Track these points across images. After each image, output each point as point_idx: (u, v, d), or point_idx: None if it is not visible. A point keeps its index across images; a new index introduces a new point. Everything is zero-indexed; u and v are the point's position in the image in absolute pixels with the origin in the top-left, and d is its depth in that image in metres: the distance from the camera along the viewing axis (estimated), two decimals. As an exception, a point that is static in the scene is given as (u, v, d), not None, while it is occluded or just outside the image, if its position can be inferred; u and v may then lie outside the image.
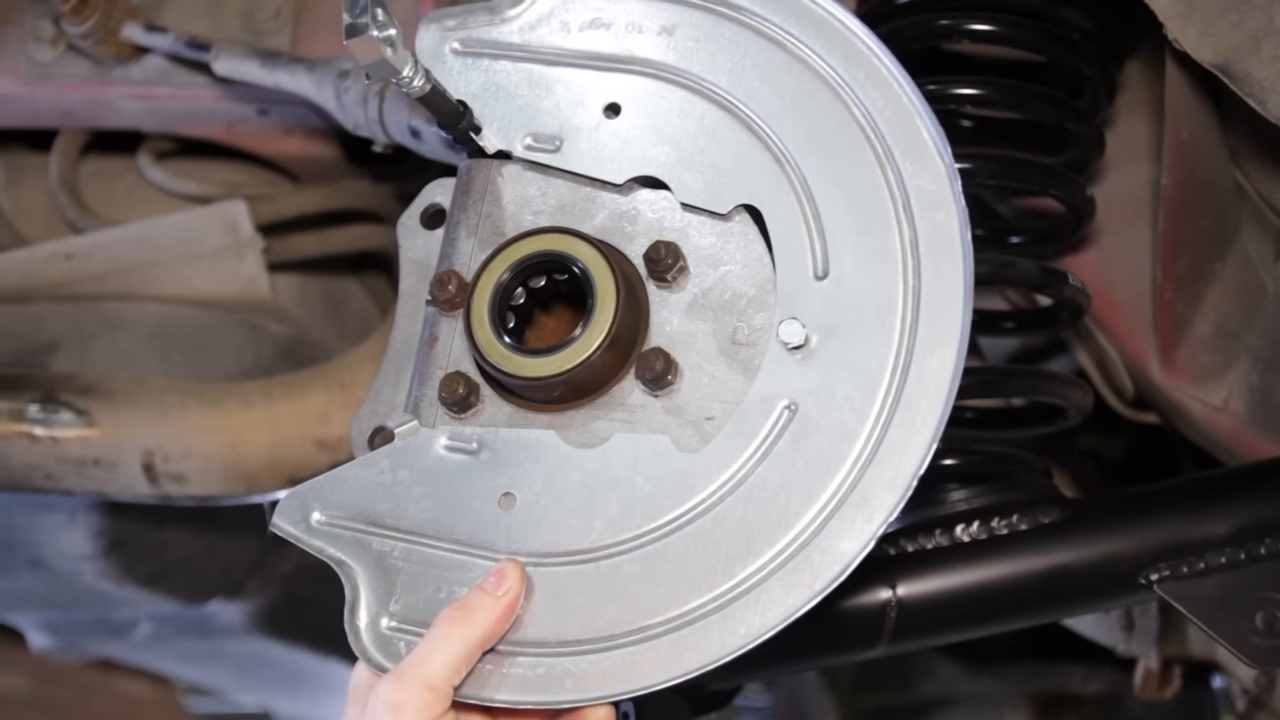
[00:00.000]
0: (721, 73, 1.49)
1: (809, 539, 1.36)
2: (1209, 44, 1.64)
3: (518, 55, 1.56)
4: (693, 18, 1.51)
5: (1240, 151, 1.99)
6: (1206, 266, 2.04)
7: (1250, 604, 1.72)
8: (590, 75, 1.53)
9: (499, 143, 1.55)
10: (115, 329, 2.44)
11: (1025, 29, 1.85)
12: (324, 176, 2.51)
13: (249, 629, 3.17)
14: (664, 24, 1.52)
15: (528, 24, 1.57)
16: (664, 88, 1.51)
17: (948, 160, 1.40)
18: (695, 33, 1.51)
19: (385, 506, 1.47)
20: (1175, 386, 2.09)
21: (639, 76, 1.51)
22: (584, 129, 1.53)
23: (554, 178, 1.54)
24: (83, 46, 2.28)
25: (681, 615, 1.37)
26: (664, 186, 1.49)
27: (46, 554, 2.75)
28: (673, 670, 1.36)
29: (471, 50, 1.58)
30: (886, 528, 1.34)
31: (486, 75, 1.57)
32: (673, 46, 1.51)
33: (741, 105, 1.47)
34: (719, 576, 1.37)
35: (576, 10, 1.55)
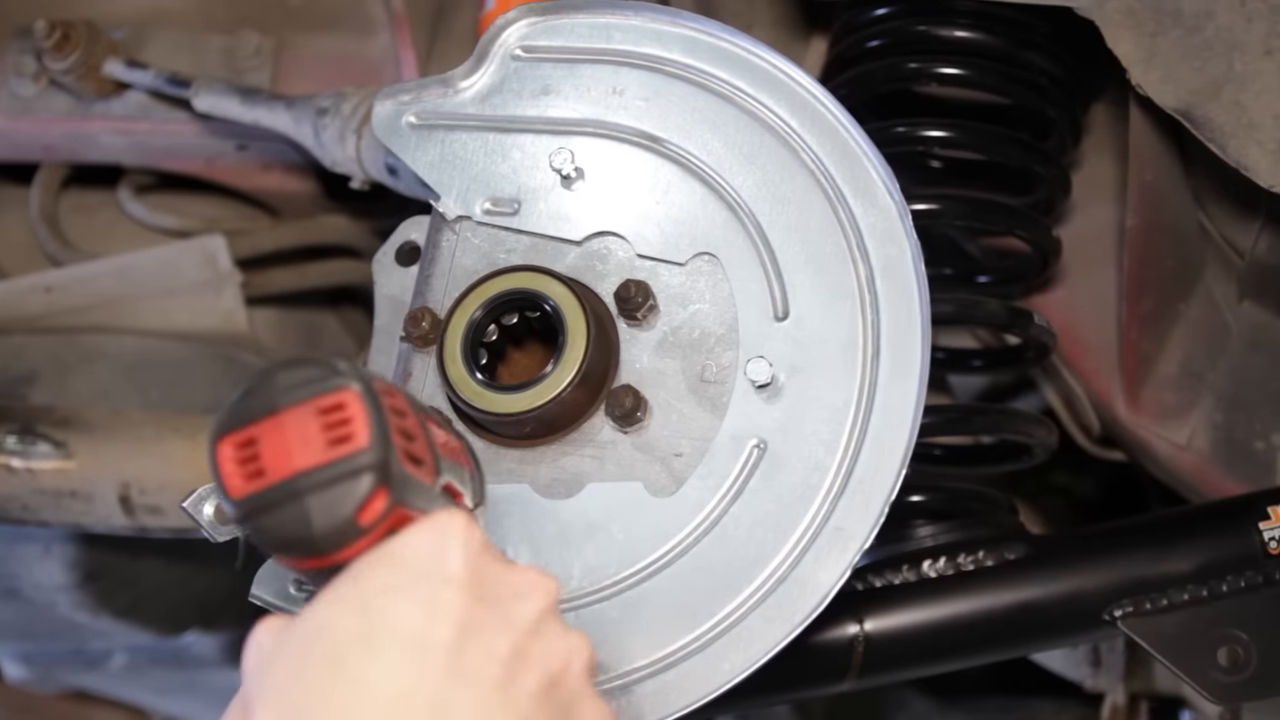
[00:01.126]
0: (672, 129, 1.52)
1: (786, 572, 1.38)
2: (1171, 89, 1.67)
3: (472, 124, 1.60)
4: (640, 78, 1.55)
5: (1203, 194, 2.02)
6: (1171, 307, 2.07)
7: (1213, 640, 1.74)
8: (544, 139, 1.57)
9: (458, 209, 1.58)
10: (94, 361, 2.45)
11: (992, 73, 1.88)
12: (302, 212, 2.53)
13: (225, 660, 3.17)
14: (613, 86, 1.56)
15: (480, 93, 1.61)
16: (617, 147, 1.54)
17: (897, 197, 1.45)
18: (644, 91, 1.54)
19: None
20: (1140, 424, 2.12)
21: (592, 138, 1.55)
22: (540, 191, 1.56)
23: (518, 232, 1.57)
24: (64, 82, 2.29)
25: (665, 657, 1.39)
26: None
27: (22, 585, 2.75)
28: (658, 712, 1.38)
29: (427, 122, 1.61)
30: (860, 557, 1.37)
31: (443, 145, 1.60)
32: (623, 106, 1.54)
33: (694, 159, 1.50)
34: (700, 616, 1.39)
35: (527, 78, 1.59)
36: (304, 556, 1.01)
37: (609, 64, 1.58)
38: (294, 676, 0.89)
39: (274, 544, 1.01)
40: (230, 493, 1.02)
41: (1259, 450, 2.06)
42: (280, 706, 0.88)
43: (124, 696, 3.52)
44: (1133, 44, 1.67)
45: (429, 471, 1.07)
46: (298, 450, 1.00)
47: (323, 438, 1.00)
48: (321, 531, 0.98)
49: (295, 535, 0.99)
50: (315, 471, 0.99)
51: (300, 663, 0.90)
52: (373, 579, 0.93)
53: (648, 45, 1.57)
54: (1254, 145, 1.64)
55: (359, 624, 0.90)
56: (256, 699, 0.91)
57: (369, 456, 1.00)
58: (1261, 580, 1.73)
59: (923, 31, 1.87)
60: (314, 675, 0.88)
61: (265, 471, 1.01)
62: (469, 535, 0.96)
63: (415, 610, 0.90)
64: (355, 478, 0.99)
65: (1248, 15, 1.63)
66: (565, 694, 0.97)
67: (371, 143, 1.98)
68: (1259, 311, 2.09)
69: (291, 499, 0.99)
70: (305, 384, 1.03)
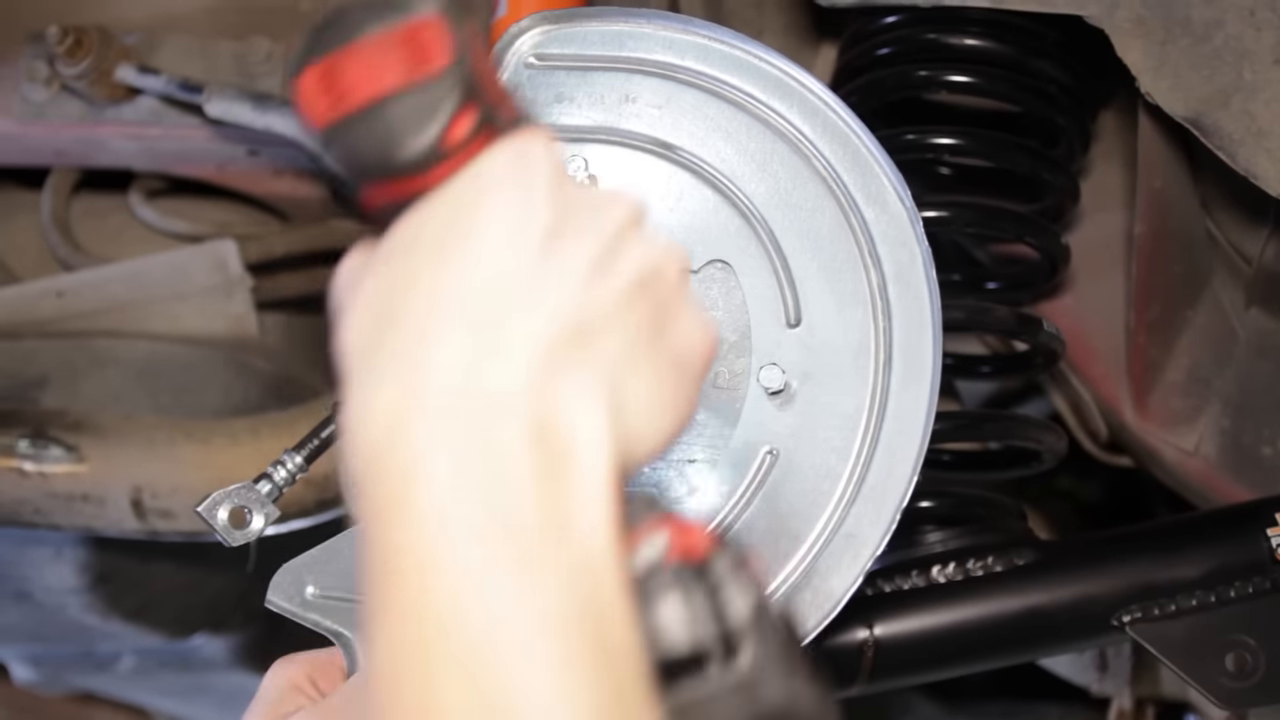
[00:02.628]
0: (685, 136, 1.53)
1: (799, 580, 1.39)
2: (1180, 98, 1.68)
3: None
4: (653, 85, 1.55)
5: (1211, 201, 2.03)
6: (1179, 313, 2.08)
7: (1220, 646, 1.75)
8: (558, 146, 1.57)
9: None
10: (105, 366, 2.45)
11: (1002, 81, 1.88)
12: (312, 217, 2.53)
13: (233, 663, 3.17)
14: (626, 93, 1.56)
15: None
16: (630, 154, 1.54)
17: (908, 203, 1.46)
18: (657, 99, 1.55)
19: None
20: (1148, 431, 2.13)
21: (605, 145, 1.55)
22: None
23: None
24: (76, 87, 2.30)
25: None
26: None
27: (33, 588, 2.75)
28: None
29: None
30: (873, 563, 1.38)
31: None
32: (636, 114, 1.55)
33: (706, 166, 1.51)
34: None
35: (540, 86, 1.59)
36: (392, 178, 0.97)
37: (622, 71, 1.58)
38: (385, 271, 0.90)
39: (361, 168, 0.98)
40: (314, 122, 0.99)
41: (1266, 456, 2.07)
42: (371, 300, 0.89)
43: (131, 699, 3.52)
44: (1142, 52, 1.68)
45: (504, 99, 1.05)
46: (382, 73, 0.97)
47: (407, 59, 0.97)
48: (411, 149, 0.95)
49: (384, 156, 0.95)
50: (402, 92, 0.96)
51: (391, 258, 0.91)
52: (461, 186, 0.93)
53: (660, 53, 1.58)
54: (1263, 153, 1.65)
55: (450, 219, 0.91)
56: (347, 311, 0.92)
57: (455, 75, 0.97)
58: (1269, 586, 1.74)
59: (932, 39, 1.88)
60: (404, 266, 0.89)
61: (348, 95, 0.97)
62: (551, 151, 0.97)
63: (505, 208, 0.90)
64: (442, 95, 0.95)
65: (1257, 25, 1.63)
66: (661, 293, 0.96)
67: (383, 149, 1.98)
68: (1266, 318, 2.09)
69: (378, 119, 0.96)
70: (385, 9, 1.02)
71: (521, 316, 0.85)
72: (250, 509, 1.54)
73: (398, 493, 0.81)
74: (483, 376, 0.83)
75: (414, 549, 0.80)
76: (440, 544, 0.79)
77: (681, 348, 0.96)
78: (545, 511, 0.81)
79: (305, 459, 1.59)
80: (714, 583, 0.92)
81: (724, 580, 0.93)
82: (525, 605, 0.78)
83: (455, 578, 0.78)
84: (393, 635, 0.79)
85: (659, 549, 0.93)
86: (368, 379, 0.86)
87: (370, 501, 0.83)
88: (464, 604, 0.78)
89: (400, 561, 0.80)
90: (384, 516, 0.81)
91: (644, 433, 0.91)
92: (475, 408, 0.82)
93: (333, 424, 1.63)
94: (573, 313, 0.87)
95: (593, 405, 0.85)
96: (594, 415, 0.85)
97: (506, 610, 0.78)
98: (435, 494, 0.80)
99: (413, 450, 0.81)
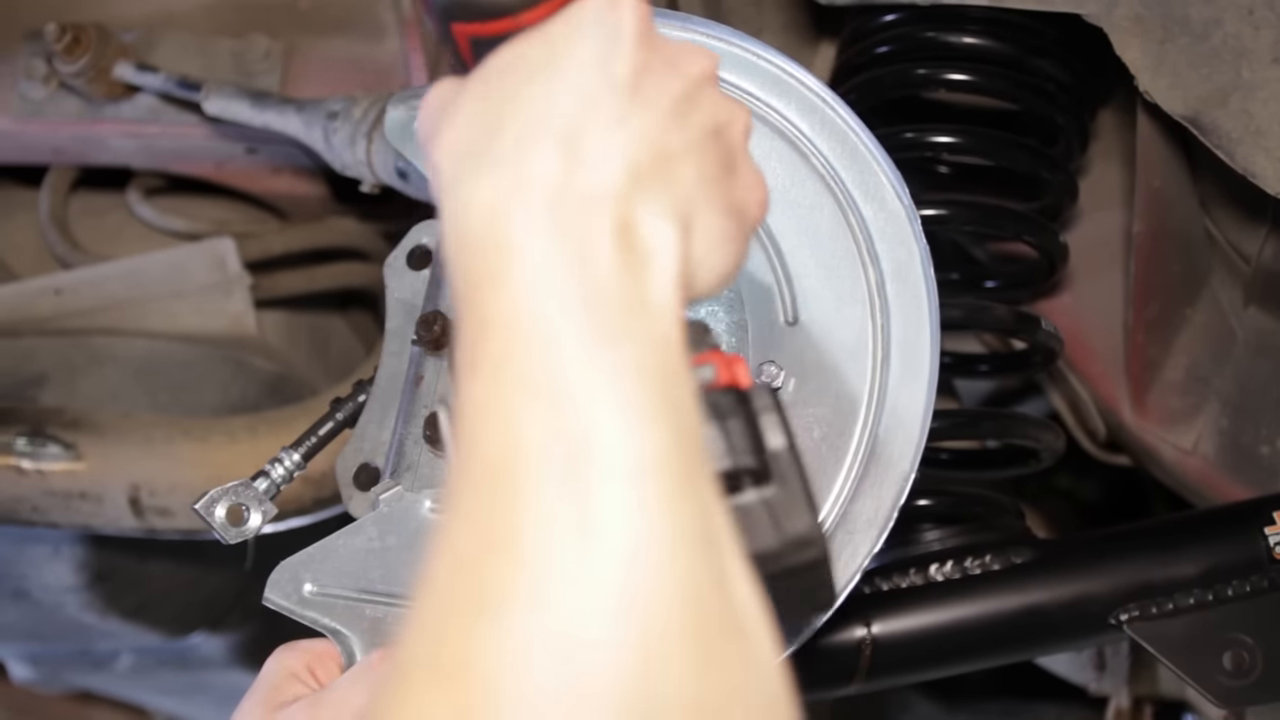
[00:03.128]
0: None
1: (797, 578, 1.39)
2: (1179, 96, 1.68)
3: None
4: None
5: (1210, 200, 2.03)
6: (1177, 312, 2.08)
7: (1218, 645, 1.74)
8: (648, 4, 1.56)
9: None
10: (103, 363, 2.45)
11: (1001, 79, 1.89)
12: (311, 215, 2.53)
13: (231, 661, 3.17)
14: None
15: None
16: None
17: (906, 201, 1.46)
18: None
19: (376, 573, 1.47)
20: (1146, 429, 2.13)
21: None
22: None
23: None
24: (74, 85, 2.30)
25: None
26: None
27: (30, 586, 2.75)
28: None
29: None
30: (870, 561, 1.38)
31: None
32: None
33: None
34: None
35: None
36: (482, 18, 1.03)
37: None
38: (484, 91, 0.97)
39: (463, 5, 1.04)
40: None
41: (1264, 455, 2.07)
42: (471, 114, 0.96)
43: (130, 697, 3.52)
44: (1141, 51, 1.68)
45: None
46: None
47: None
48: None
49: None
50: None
51: (489, 81, 0.97)
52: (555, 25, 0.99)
53: None
54: (1261, 152, 1.65)
55: (546, 51, 0.97)
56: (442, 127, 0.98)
57: None
58: (1267, 585, 1.74)
59: (931, 38, 1.88)
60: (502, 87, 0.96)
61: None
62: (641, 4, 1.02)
63: (596, 44, 0.96)
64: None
65: (1255, 23, 1.63)
66: (730, 144, 1.03)
67: (382, 146, 1.99)
68: (1265, 317, 2.09)
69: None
70: None
71: (612, 134, 0.92)
72: (248, 506, 1.54)
73: (494, 268, 0.87)
74: (576, 179, 0.90)
75: (506, 313, 0.86)
76: (532, 308, 0.85)
77: (743, 196, 1.03)
78: (626, 290, 0.87)
79: (303, 456, 1.59)
80: (753, 413, 0.99)
81: (762, 413, 0.99)
82: (605, 359, 0.84)
83: (544, 336, 0.84)
84: (481, 388, 0.85)
85: (708, 375, 1.00)
86: (469, 178, 0.92)
87: (465, 280, 0.90)
88: (549, 357, 0.84)
89: (493, 325, 0.86)
90: (480, 289, 0.88)
91: (705, 264, 0.98)
92: (569, 202, 0.89)
93: (330, 422, 1.63)
94: (656, 138, 0.94)
95: (669, 221, 0.92)
96: (669, 228, 0.92)
97: (588, 362, 0.84)
98: (529, 268, 0.86)
99: (510, 232, 0.88)
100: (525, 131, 0.92)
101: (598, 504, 0.79)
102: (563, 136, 0.91)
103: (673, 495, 0.81)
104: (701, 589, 0.80)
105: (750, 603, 0.83)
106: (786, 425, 1.00)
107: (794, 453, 1.00)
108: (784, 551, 0.99)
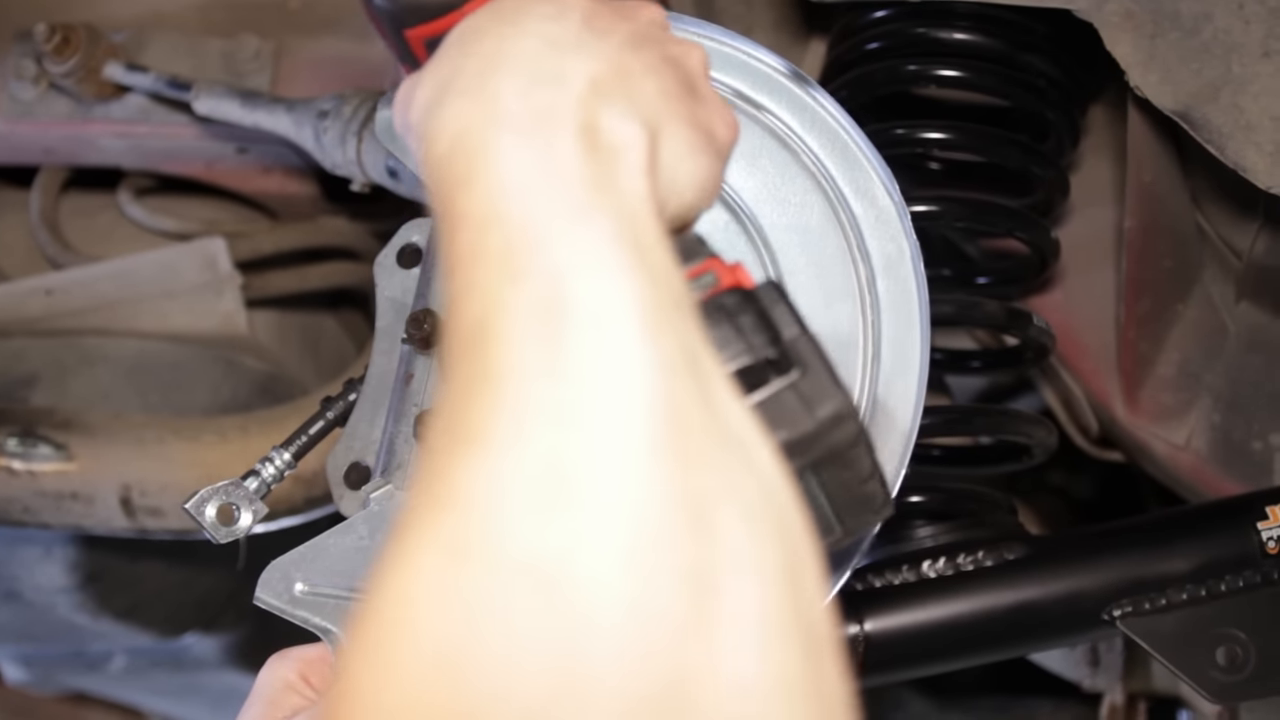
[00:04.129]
0: None
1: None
2: (1169, 91, 1.68)
3: None
4: None
5: (1201, 196, 2.03)
6: (1169, 308, 2.08)
7: (1211, 640, 1.74)
8: None
9: None
10: (94, 364, 2.45)
11: (991, 75, 1.88)
12: (302, 214, 2.53)
13: (224, 662, 3.17)
14: None
15: None
16: None
17: (896, 197, 1.45)
18: None
19: (367, 571, 1.47)
20: (1138, 425, 2.13)
21: None
22: None
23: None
24: (64, 85, 2.30)
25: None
26: None
27: (22, 587, 2.75)
28: None
29: None
30: (862, 558, 1.37)
31: None
32: None
33: None
34: None
35: None
36: (432, 17, 1.08)
37: None
38: (443, 60, 1.01)
39: (404, 11, 1.09)
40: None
41: (1257, 450, 2.07)
42: (434, 77, 1.00)
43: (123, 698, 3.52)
44: (1131, 46, 1.68)
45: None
46: None
47: None
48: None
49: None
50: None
51: (447, 51, 1.02)
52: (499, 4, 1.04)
53: None
54: (1252, 147, 1.65)
55: (495, 16, 1.02)
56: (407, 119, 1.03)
57: None
58: (1260, 580, 1.74)
59: (922, 34, 1.88)
60: (460, 51, 1.00)
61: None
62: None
63: (549, 9, 1.01)
64: None
65: (1246, 18, 1.63)
66: (689, 71, 1.08)
67: (373, 145, 1.98)
68: (1257, 312, 2.09)
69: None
70: None
71: (570, 59, 0.97)
72: (238, 506, 1.53)
73: (464, 172, 0.91)
74: (537, 92, 0.94)
75: (478, 205, 0.89)
76: (504, 196, 0.89)
77: (708, 116, 1.07)
78: (593, 175, 0.91)
79: (293, 455, 1.59)
80: (763, 307, 1.01)
81: (771, 306, 1.01)
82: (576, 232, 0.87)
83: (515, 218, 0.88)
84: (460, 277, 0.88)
85: (710, 281, 1.02)
86: (437, 112, 0.96)
87: (440, 192, 0.93)
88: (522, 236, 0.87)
89: (466, 218, 0.89)
90: (453, 192, 0.91)
91: (677, 175, 1.01)
92: (533, 111, 0.93)
93: (321, 421, 1.63)
94: (614, 57, 0.99)
95: (632, 121, 0.96)
96: (634, 127, 0.95)
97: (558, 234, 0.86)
98: (497, 166, 0.90)
99: (477, 141, 0.92)
100: (486, 65, 0.96)
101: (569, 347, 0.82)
102: (525, 68, 0.96)
103: (646, 333, 0.83)
104: (681, 406, 0.81)
105: (740, 418, 0.85)
106: (797, 314, 1.02)
107: (810, 337, 1.01)
108: (820, 431, 1.00)
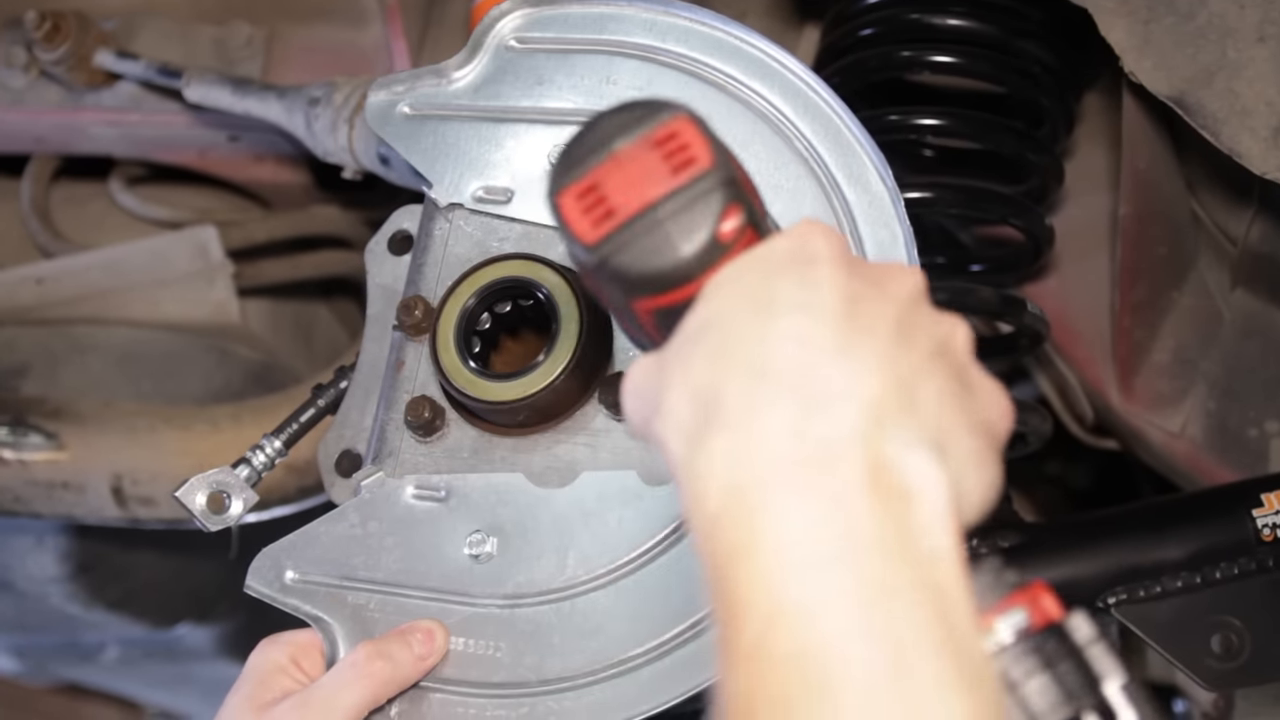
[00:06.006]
0: None
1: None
2: (1164, 76, 1.67)
3: (466, 114, 1.60)
4: (634, 67, 1.55)
5: (1196, 182, 2.02)
6: (1164, 295, 2.07)
7: (1206, 627, 1.74)
8: (538, 129, 1.57)
9: (450, 197, 1.58)
10: (85, 353, 2.45)
11: (985, 61, 1.88)
12: (294, 202, 2.52)
13: (217, 652, 3.17)
14: (607, 75, 1.56)
15: (474, 84, 1.61)
16: None
17: (889, 183, 1.45)
18: (638, 81, 1.54)
19: (358, 559, 1.47)
20: (1134, 413, 2.12)
21: None
22: (534, 180, 1.56)
23: (512, 221, 1.57)
24: (55, 73, 2.29)
25: (661, 645, 1.38)
26: None
27: (14, 576, 2.74)
28: (656, 699, 1.37)
29: (420, 112, 1.61)
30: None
31: (436, 135, 1.60)
32: (617, 96, 1.54)
33: None
34: (695, 604, 1.38)
35: (521, 69, 1.59)
36: (668, 288, 0.98)
37: (603, 54, 1.57)
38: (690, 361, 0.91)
39: (637, 280, 0.99)
40: (583, 240, 0.98)
41: (1252, 438, 2.06)
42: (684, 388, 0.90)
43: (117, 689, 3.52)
44: (1125, 31, 1.67)
45: (759, 198, 1.05)
46: (643, 184, 0.98)
47: (665, 167, 0.98)
48: (685, 253, 0.96)
49: (659, 264, 0.97)
50: (666, 199, 0.97)
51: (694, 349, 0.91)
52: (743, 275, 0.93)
53: (641, 35, 1.57)
54: (1246, 132, 1.64)
55: (741, 304, 0.91)
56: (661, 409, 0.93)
57: (717, 175, 0.98)
58: (1255, 567, 1.73)
59: (915, 20, 1.87)
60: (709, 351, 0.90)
61: (615, 211, 0.98)
62: (830, 231, 0.96)
63: (798, 287, 0.90)
64: (708, 195, 0.97)
65: (1240, 2, 1.62)
66: (957, 359, 0.96)
67: (364, 132, 1.98)
68: (1251, 299, 2.09)
69: (649, 229, 0.97)
70: (634, 122, 1.00)
71: (840, 374, 0.86)
72: (228, 493, 1.53)
73: (740, 541, 0.82)
74: (812, 426, 0.84)
75: (759, 591, 0.81)
76: (787, 582, 0.80)
77: (989, 418, 0.97)
78: (889, 541, 0.81)
79: (284, 443, 1.58)
80: (1078, 649, 0.92)
81: (1088, 646, 0.92)
82: (875, 628, 0.78)
83: (803, 614, 0.79)
84: (744, 680, 0.80)
85: (1020, 620, 0.93)
86: (701, 451, 0.86)
87: (713, 557, 0.84)
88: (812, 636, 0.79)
89: (747, 606, 0.81)
90: (728, 565, 0.83)
91: (967, 498, 0.91)
92: (810, 456, 0.83)
93: (312, 408, 1.62)
94: (888, 368, 0.87)
95: (924, 452, 0.85)
96: (926, 460, 0.85)
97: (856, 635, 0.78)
98: (778, 536, 0.81)
99: (752, 500, 0.83)
100: (747, 387, 0.87)
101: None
102: (788, 384, 0.86)
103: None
104: None
105: None
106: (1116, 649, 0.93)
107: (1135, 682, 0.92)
108: None
